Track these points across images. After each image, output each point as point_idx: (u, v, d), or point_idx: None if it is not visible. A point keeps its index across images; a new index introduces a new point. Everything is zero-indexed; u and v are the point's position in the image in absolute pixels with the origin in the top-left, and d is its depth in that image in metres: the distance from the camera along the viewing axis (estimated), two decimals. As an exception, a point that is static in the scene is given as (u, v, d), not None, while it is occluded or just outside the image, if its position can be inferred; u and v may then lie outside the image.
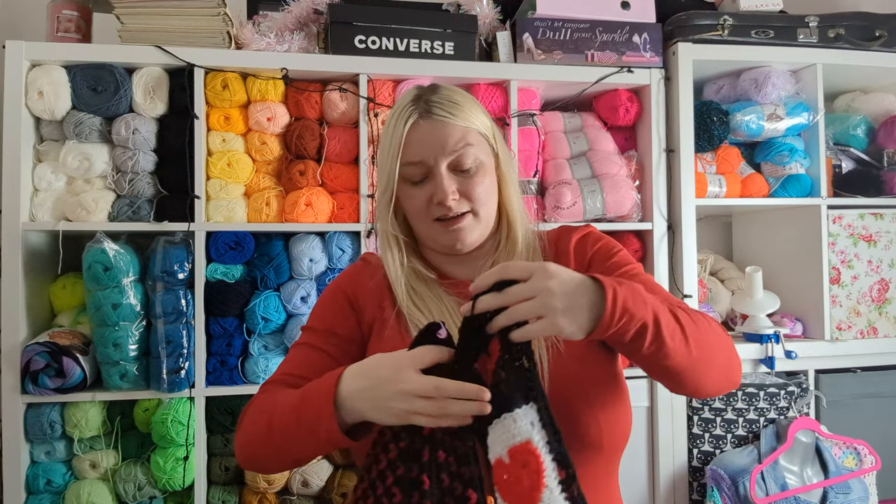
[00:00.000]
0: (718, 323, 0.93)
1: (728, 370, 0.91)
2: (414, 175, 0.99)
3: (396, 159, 0.98)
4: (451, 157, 0.98)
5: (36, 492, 1.67)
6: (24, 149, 1.67)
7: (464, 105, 1.00)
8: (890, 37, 2.05)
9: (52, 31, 1.75)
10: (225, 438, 1.77)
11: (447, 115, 0.98)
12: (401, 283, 1.01)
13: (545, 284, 0.75)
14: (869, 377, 2.02)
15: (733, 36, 1.99)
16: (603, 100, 2.05)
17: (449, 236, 1.00)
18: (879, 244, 2.06)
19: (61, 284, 1.78)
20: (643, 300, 0.80)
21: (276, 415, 0.88)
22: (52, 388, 1.62)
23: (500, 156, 1.04)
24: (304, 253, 1.78)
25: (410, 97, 1.01)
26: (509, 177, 1.04)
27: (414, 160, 0.98)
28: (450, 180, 0.98)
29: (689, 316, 0.86)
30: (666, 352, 0.81)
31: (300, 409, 0.85)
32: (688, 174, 1.95)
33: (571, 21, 1.93)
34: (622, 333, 0.78)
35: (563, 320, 0.74)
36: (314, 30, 1.92)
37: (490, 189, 1.01)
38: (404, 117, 0.98)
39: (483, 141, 1.01)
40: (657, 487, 1.91)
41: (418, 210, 1.00)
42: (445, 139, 0.97)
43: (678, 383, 0.88)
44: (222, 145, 1.79)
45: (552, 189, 1.94)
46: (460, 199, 0.99)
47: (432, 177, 0.98)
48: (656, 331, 0.80)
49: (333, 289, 1.07)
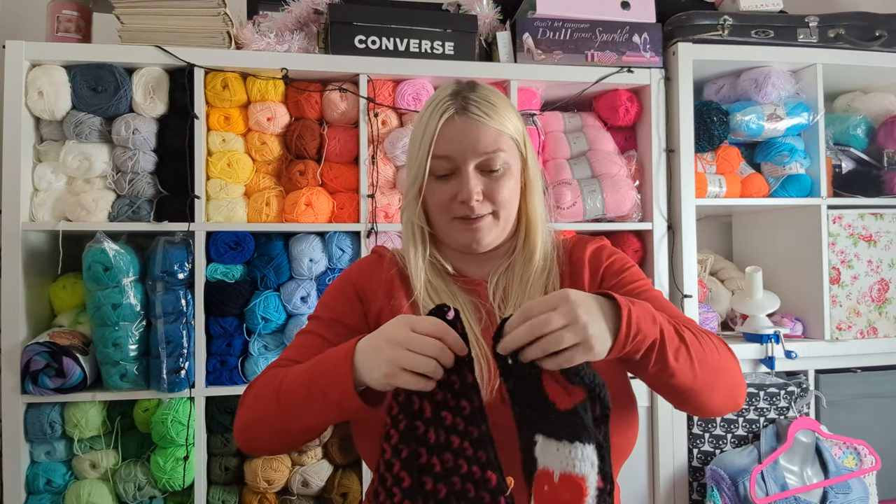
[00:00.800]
0: (725, 344, 0.94)
1: (732, 393, 0.93)
2: (441, 169, 0.99)
3: (428, 151, 0.98)
4: (481, 158, 0.98)
5: (36, 492, 1.67)
6: (24, 149, 1.67)
7: (500, 107, 1.00)
8: (890, 37, 2.05)
9: (52, 31, 1.75)
10: (225, 438, 1.77)
11: (482, 116, 0.98)
12: (420, 274, 1.01)
13: (574, 313, 0.75)
14: (869, 377, 2.02)
15: (733, 36, 1.99)
16: (603, 100, 2.05)
17: (467, 235, 1.01)
18: (879, 244, 2.06)
19: (61, 284, 1.78)
20: (653, 318, 0.82)
21: (285, 383, 0.88)
22: (52, 388, 1.62)
23: (528, 161, 1.04)
24: (304, 253, 1.78)
25: (449, 91, 1.01)
26: (535, 183, 1.05)
27: (443, 154, 0.98)
28: (476, 181, 0.98)
29: (696, 336, 0.88)
30: (670, 371, 0.83)
31: (314, 371, 0.85)
32: (688, 174, 1.95)
33: (571, 21, 1.93)
34: (633, 352, 0.81)
35: (596, 346, 0.76)
36: (314, 30, 1.92)
37: (513, 192, 1.02)
38: (440, 110, 0.98)
39: (513, 146, 1.01)
40: (657, 487, 1.91)
41: (440, 205, 1.00)
42: (478, 139, 0.97)
43: (682, 402, 0.90)
44: (222, 145, 1.79)
45: (552, 189, 1.94)
46: (483, 201, 0.99)
47: (459, 174, 0.99)
48: (661, 350, 0.82)
49: (343, 279, 1.08)
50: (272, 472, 1.74)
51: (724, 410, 0.93)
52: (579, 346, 0.75)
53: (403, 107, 1.84)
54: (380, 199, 1.82)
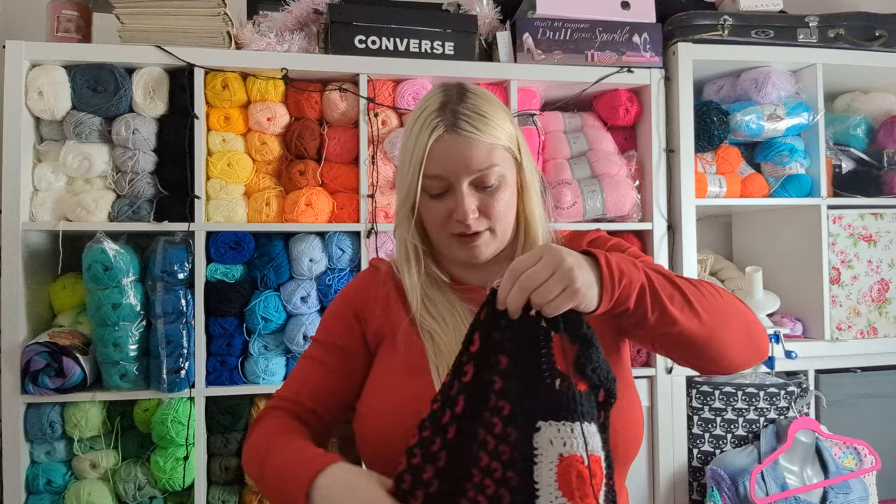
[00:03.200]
0: (730, 292, 0.92)
1: (750, 337, 0.90)
2: (434, 188, 0.96)
3: (419, 171, 0.95)
4: (475, 175, 0.95)
5: (36, 492, 1.67)
6: (24, 149, 1.67)
7: (490, 117, 0.97)
8: (890, 37, 2.05)
9: (52, 31, 1.75)
10: (225, 438, 1.77)
11: (473, 132, 0.94)
12: (416, 292, 1.00)
13: (558, 257, 0.76)
14: (869, 377, 2.02)
15: (733, 36, 1.99)
16: (603, 100, 2.05)
17: (466, 252, 0.99)
18: (879, 244, 2.06)
19: (61, 284, 1.78)
20: (634, 264, 0.82)
21: (265, 467, 0.89)
22: (52, 388, 1.61)
23: (523, 163, 1.02)
24: (304, 253, 1.78)
25: (437, 104, 0.97)
26: (532, 184, 1.03)
27: (435, 174, 0.96)
28: (471, 198, 0.96)
29: (691, 283, 0.87)
30: (670, 317, 0.82)
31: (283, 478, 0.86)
32: (688, 174, 1.95)
33: (571, 21, 1.93)
34: (625, 299, 0.80)
35: (582, 288, 0.76)
36: (314, 30, 1.92)
37: (510, 203, 1.00)
38: (429, 128, 0.95)
39: (507, 156, 0.99)
40: (657, 487, 1.91)
41: (436, 223, 0.99)
42: (470, 157, 0.94)
43: (698, 356, 0.88)
44: (222, 145, 1.79)
45: (552, 189, 1.94)
46: (480, 217, 0.97)
47: (453, 192, 0.96)
48: (654, 295, 0.81)
49: (341, 299, 1.07)
50: (272, 472, 1.74)
51: (747, 358, 0.90)
52: (566, 291, 0.75)
53: (403, 107, 1.84)
54: (380, 199, 1.82)
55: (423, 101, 1.00)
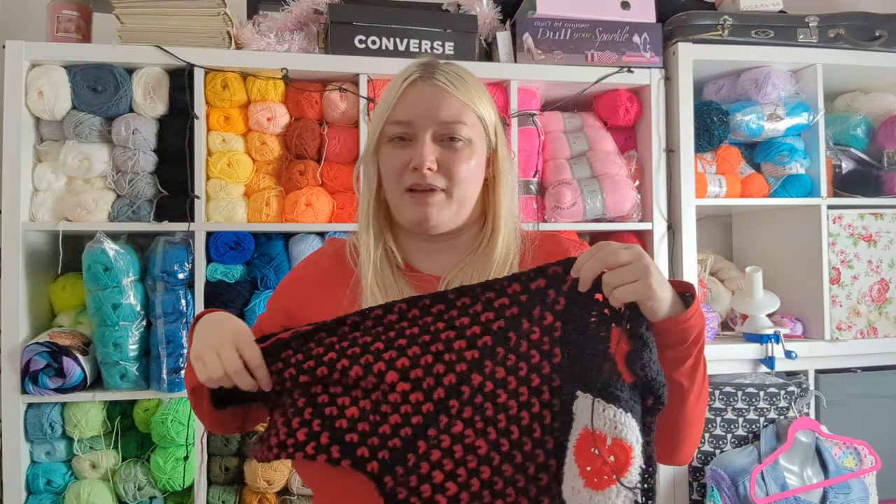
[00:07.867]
0: None
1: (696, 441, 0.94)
2: (398, 133, 0.93)
3: (386, 114, 0.94)
4: (440, 127, 0.92)
5: (36, 492, 1.67)
6: (24, 149, 1.67)
7: (470, 84, 0.96)
8: (890, 37, 2.05)
9: (52, 31, 1.75)
10: (225, 438, 1.77)
11: (447, 84, 0.93)
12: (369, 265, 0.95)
13: (641, 255, 0.79)
14: (869, 377, 2.01)
15: (733, 36, 1.99)
16: (603, 100, 2.05)
17: (416, 210, 0.93)
18: (879, 244, 2.06)
19: (61, 284, 1.78)
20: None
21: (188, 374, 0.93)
22: (52, 388, 1.62)
23: (498, 152, 0.98)
24: (304, 253, 1.78)
25: (419, 61, 0.98)
26: (505, 177, 0.99)
27: (401, 119, 0.93)
28: (431, 148, 0.92)
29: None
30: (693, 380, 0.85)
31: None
32: (688, 174, 1.95)
33: (571, 21, 1.93)
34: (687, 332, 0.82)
35: (655, 285, 0.78)
36: (314, 30, 1.92)
37: (474, 173, 0.95)
38: (405, 75, 0.96)
39: (480, 126, 0.96)
40: (657, 487, 1.91)
41: (393, 173, 0.94)
42: (439, 107, 0.92)
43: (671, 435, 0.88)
44: (222, 145, 1.79)
45: (552, 189, 1.94)
46: (437, 173, 0.92)
47: (416, 142, 0.93)
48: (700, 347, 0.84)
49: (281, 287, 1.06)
50: (272, 471, 1.74)
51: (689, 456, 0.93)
52: (640, 282, 0.77)
53: (403, 107, 1.84)
54: (380, 199, 1.82)
55: None
